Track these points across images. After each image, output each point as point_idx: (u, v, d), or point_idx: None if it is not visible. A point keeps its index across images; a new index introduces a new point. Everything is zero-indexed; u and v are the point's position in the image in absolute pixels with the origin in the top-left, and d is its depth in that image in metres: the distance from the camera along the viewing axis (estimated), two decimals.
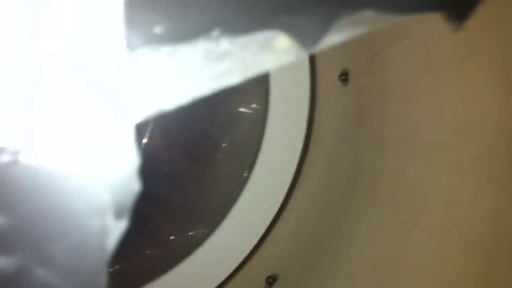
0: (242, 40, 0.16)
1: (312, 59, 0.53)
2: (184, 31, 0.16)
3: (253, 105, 0.58)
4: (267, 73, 0.53)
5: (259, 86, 0.55)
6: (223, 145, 0.59)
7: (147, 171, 0.19)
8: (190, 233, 0.57)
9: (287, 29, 0.16)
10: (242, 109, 0.58)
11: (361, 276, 0.39)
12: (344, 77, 0.49)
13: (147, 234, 0.58)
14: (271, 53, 0.17)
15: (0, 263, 0.16)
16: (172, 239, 0.58)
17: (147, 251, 0.58)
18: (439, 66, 0.36)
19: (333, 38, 0.17)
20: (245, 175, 0.55)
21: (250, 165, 0.55)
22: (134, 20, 0.16)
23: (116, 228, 0.17)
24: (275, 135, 0.54)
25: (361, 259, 0.40)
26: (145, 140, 0.56)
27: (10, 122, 0.17)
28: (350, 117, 0.48)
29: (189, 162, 0.61)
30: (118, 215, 0.17)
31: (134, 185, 0.17)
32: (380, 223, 0.39)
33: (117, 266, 0.53)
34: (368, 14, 0.17)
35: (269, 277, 0.48)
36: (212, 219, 0.55)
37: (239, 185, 0.55)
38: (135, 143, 0.17)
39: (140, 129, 0.56)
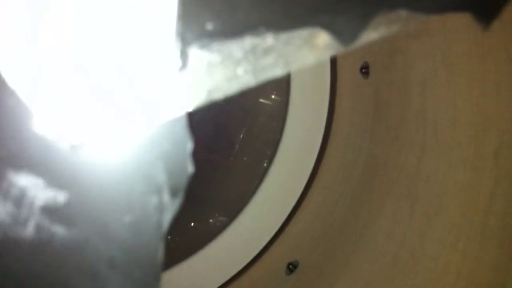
0: (285, 36, 0.17)
1: None
2: (233, 28, 0.17)
3: (273, 96, 0.58)
4: None
5: (279, 77, 0.55)
6: (242, 135, 0.60)
7: None
8: (210, 220, 0.58)
9: (327, 26, 0.18)
10: (262, 100, 0.59)
11: (379, 266, 0.40)
12: (365, 70, 0.50)
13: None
14: (311, 48, 0.18)
15: (65, 235, 0.18)
16: (193, 226, 0.59)
17: (168, 237, 0.59)
18: (457, 62, 0.37)
19: (370, 35, 0.18)
20: (264, 165, 0.56)
21: (270, 156, 0.56)
22: (187, 18, 0.17)
23: (172, 206, 0.18)
24: (295, 127, 0.54)
25: (379, 249, 0.41)
26: None
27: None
28: (368, 110, 0.49)
29: (208, 152, 0.61)
30: (173, 194, 0.18)
31: (187, 167, 0.18)
32: (397, 215, 0.40)
33: None
34: (402, 13, 0.18)
35: (290, 264, 0.49)
36: (233, 207, 0.56)
37: (259, 174, 0.55)
38: (188, 128, 0.18)
39: None
